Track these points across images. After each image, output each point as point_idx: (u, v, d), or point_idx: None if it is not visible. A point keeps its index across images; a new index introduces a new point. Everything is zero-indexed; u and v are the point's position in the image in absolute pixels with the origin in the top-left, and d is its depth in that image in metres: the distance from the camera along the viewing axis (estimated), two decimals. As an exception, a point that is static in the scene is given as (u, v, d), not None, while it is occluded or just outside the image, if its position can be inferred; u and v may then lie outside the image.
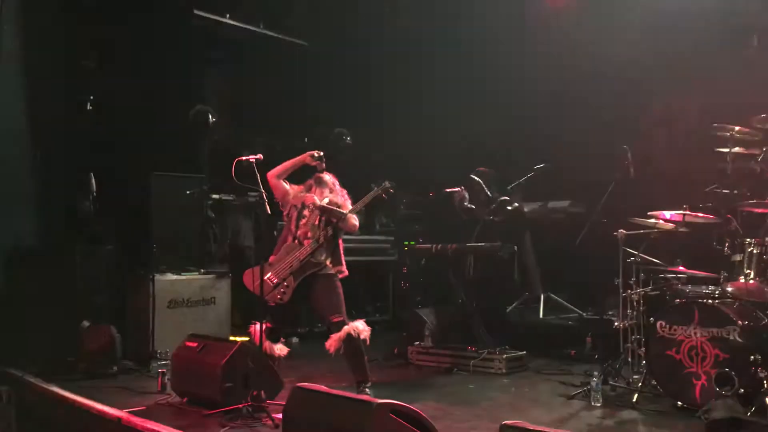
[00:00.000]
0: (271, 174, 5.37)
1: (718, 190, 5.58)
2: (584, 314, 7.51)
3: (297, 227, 5.29)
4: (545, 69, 8.14)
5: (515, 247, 7.13)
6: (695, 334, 4.75)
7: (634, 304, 5.38)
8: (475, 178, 7.37)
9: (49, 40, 7.43)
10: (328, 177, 5.46)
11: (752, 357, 4.47)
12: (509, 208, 7.14)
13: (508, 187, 7.32)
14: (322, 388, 3.81)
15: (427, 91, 9.56)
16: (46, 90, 7.41)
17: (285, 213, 5.44)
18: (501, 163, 8.09)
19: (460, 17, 8.89)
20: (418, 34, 9.33)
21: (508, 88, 8.53)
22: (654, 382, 5.04)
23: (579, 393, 5.26)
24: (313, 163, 5.38)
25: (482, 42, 8.79)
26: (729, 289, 4.99)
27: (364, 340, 5.08)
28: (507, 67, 8.55)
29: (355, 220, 5.32)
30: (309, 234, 5.23)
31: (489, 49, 8.73)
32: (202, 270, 7.23)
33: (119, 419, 4.62)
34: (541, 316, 7.78)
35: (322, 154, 5.41)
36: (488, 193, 7.29)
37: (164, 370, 5.68)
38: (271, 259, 5.28)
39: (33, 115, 7.27)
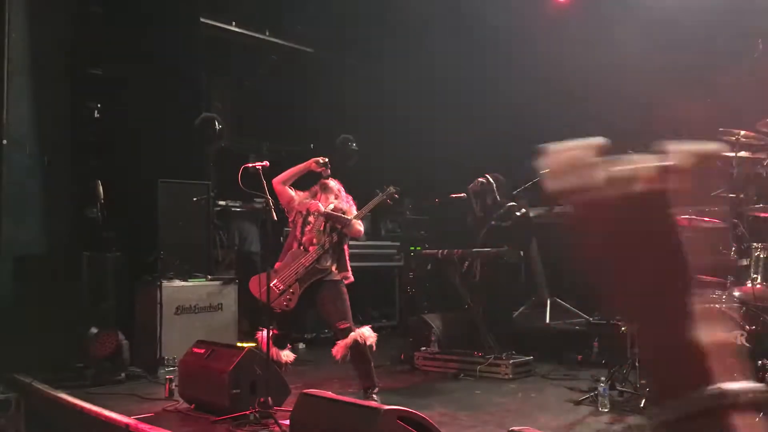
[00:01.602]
0: (277, 180, 5.38)
1: (724, 195, 5.57)
2: (591, 319, 7.50)
3: (302, 233, 5.30)
4: (549, 74, 8.14)
5: (521, 252, 7.14)
6: (702, 338, 4.73)
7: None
8: (490, 178, 7.36)
9: (56, 48, 7.49)
10: (333, 183, 5.47)
11: (759, 362, 4.46)
12: (517, 213, 7.15)
13: (514, 192, 7.32)
14: (329, 394, 3.82)
15: (432, 97, 9.58)
16: (53, 97, 7.46)
17: (290, 219, 5.46)
18: (506, 168, 8.09)
19: (464, 22, 8.92)
20: (422, 39, 9.35)
21: (513, 93, 8.54)
22: (661, 387, 5.01)
23: (586, 398, 5.25)
24: (318, 169, 5.40)
25: (486, 47, 8.82)
26: (736, 293, 4.98)
27: (371, 347, 5.08)
28: (511, 72, 8.57)
29: (360, 225, 5.33)
30: (314, 240, 5.24)
31: (493, 55, 8.76)
32: (209, 276, 7.25)
33: (127, 426, 4.63)
34: (547, 320, 7.78)
35: (327, 160, 5.43)
36: (497, 197, 7.29)
37: (172, 376, 5.69)
38: (277, 265, 5.29)
39: (40, 122, 7.32)
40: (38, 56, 7.31)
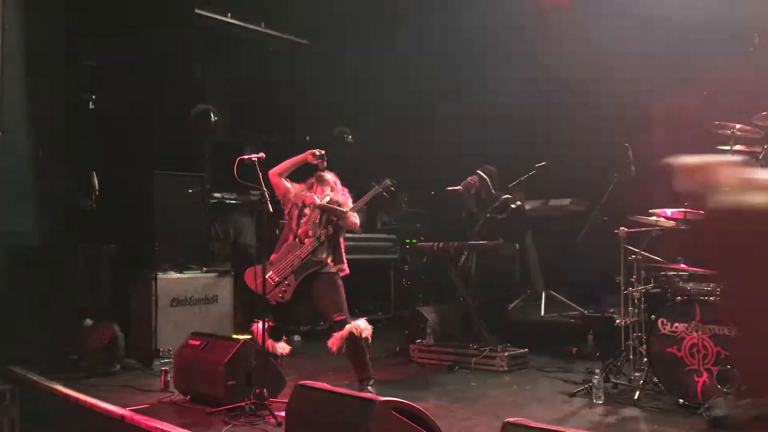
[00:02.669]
0: (273, 172, 5.37)
1: (720, 188, 5.57)
2: (586, 312, 7.51)
3: (298, 226, 5.29)
4: (546, 67, 8.14)
5: (517, 245, 7.15)
6: (697, 331, 4.77)
7: (636, 301, 5.39)
8: (483, 174, 7.37)
9: (51, 39, 7.45)
10: (329, 175, 5.46)
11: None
12: (513, 206, 7.15)
13: (510, 185, 7.32)
14: (325, 385, 3.82)
15: (428, 89, 9.57)
16: (48, 89, 7.43)
17: (286, 211, 5.44)
18: (502, 160, 8.09)
19: (461, 16, 8.90)
20: (418, 33, 9.33)
21: (509, 85, 8.54)
22: (655, 380, 5.04)
23: (581, 390, 5.27)
24: (315, 162, 5.39)
25: (482, 41, 8.80)
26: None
27: (366, 339, 5.08)
28: (507, 64, 8.56)
29: (355, 218, 5.33)
30: (310, 232, 5.24)
31: (489, 48, 8.75)
32: (205, 268, 7.24)
33: (123, 417, 4.64)
34: (542, 313, 7.79)
35: (323, 152, 5.42)
36: (492, 190, 7.29)
37: (167, 368, 5.70)
38: (272, 257, 5.29)
39: (35, 113, 7.29)
40: (33, 46, 7.27)
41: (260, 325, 5.09)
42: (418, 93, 9.57)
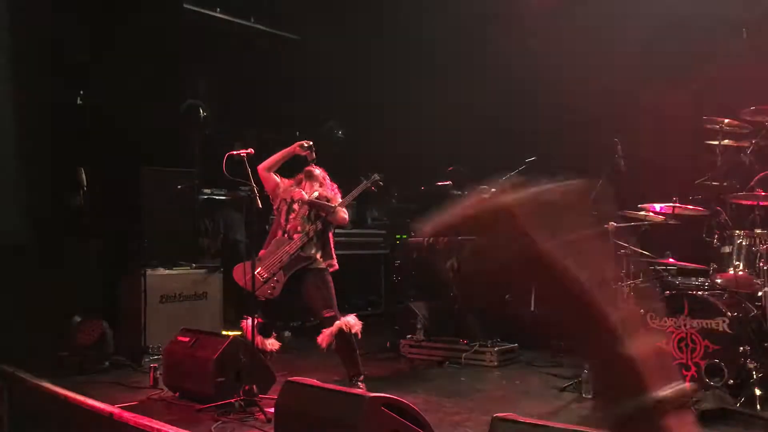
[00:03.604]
0: (262, 167, 5.35)
1: (708, 183, 5.60)
2: (575, 306, 7.52)
3: (287, 221, 5.27)
4: (535, 62, 8.14)
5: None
6: (685, 325, 4.78)
7: (624, 296, 5.40)
8: (443, 184, 7.36)
9: (39, 34, 7.39)
10: (318, 171, 5.44)
11: (741, 348, 4.50)
12: (485, 196, 7.14)
13: (501, 180, 7.32)
14: (314, 381, 3.81)
15: (418, 85, 9.55)
16: (36, 84, 7.37)
17: (275, 207, 5.42)
18: (491, 156, 8.08)
19: (453, 11, 8.89)
20: (408, 29, 9.32)
21: (499, 81, 8.53)
22: (644, 374, 5.06)
23: (570, 385, 5.29)
24: (303, 153, 5.35)
25: (474, 35, 8.80)
26: (718, 280, 5.02)
27: (356, 335, 5.08)
28: (498, 60, 8.55)
29: (344, 213, 5.31)
30: (299, 228, 5.22)
31: (480, 43, 8.74)
32: (194, 264, 7.22)
33: (111, 414, 4.61)
34: (532, 308, 7.80)
35: (311, 143, 5.39)
36: (457, 192, 7.28)
37: (156, 364, 5.69)
38: (261, 253, 5.27)
39: (23, 109, 7.23)
40: (19, 42, 7.22)
41: (249, 321, 5.07)
42: (408, 88, 9.55)
